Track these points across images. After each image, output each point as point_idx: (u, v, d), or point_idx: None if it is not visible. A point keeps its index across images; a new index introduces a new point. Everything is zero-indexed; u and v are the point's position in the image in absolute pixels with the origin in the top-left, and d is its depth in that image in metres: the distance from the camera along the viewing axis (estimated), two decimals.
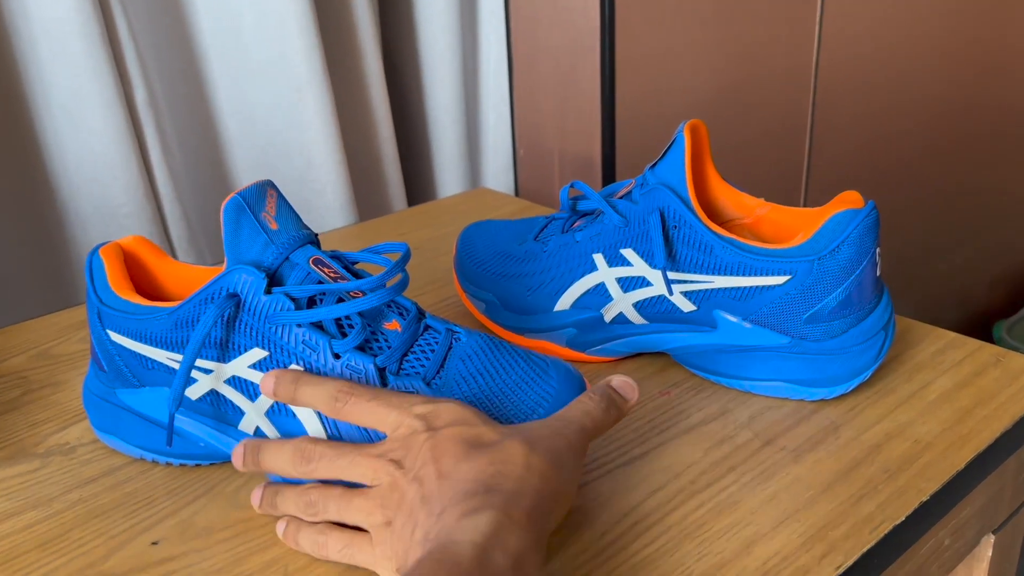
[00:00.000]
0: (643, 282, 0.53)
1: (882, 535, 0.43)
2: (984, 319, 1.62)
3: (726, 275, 0.51)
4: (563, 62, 0.89)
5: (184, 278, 0.52)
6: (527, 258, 0.59)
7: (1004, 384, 0.54)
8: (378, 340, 0.46)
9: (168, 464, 0.51)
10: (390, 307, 0.47)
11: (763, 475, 0.47)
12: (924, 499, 0.45)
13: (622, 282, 0.54)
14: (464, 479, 0.38)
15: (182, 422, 0.49)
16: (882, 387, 0.54)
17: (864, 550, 0.42)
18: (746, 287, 0.51)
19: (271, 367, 0.45)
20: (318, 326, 0.45)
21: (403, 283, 0.47)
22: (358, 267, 0.49)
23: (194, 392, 0.47)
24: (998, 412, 0.52)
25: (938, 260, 1.46)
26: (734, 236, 0.51)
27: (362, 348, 0.45)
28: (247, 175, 0.86)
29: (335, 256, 0.48)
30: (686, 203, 0.51)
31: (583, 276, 0.55)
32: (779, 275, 0.50)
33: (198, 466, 0.50)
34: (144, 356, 0.48)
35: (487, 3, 0.93)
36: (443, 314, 0.66)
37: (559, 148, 0.93)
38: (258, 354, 0.45)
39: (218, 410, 0.47)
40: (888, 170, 1.27)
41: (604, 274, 0.55)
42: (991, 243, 1.59)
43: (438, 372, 0.46)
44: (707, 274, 0.52)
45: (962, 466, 0.48)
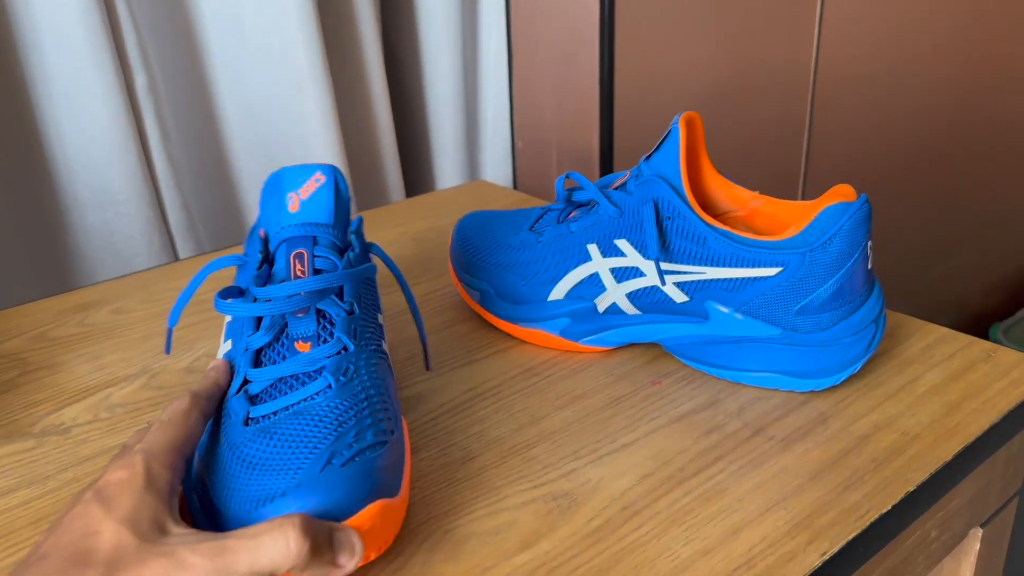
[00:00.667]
0: (636, 272, 0.54)
1: (868, 523, 0.44)
2: (980, 323, 1.62)
3: (718, 266, 0.52)
4: (562, 55, 0.89)
5: None
6: (522, 248, 0.59)
7: (994, 379, 0.55)
8: (278, 351, 0.44)
9: None
10: (322, 326, 0.45)
11: (751, 464, 0.48)
12: (910, 489, 0.46)
13: (616, 272, 0.54)
14: None
15: None
16: (872, 380, 0.55)
17: (850, 537, 0.43)
18: (738, 278, 0.51)
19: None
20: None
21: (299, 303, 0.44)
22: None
23: None
24: (987, 406, 0.52)
25: (936, 263, 1.46)
26: (727, 228, 0.51)
27: (261, 351, 0.44)
28: (246, 163, 0.87)
29: (328, 255, 0.46)
30: (680, 194, 0.52)
31: (577, 266, 0.56)
32: (771, 267, 0.51)
33: None
34: None
35: None
36: (439, 303, 0.66)
37: (557, 140, 0.93)
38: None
39: None
40: (885, 173, 1.27)
41: (598, 264, 0.55)
42: (989, 247, 1.59)
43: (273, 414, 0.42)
44: (700, 265, 0.52)
45: (949, 458, 0.48)
